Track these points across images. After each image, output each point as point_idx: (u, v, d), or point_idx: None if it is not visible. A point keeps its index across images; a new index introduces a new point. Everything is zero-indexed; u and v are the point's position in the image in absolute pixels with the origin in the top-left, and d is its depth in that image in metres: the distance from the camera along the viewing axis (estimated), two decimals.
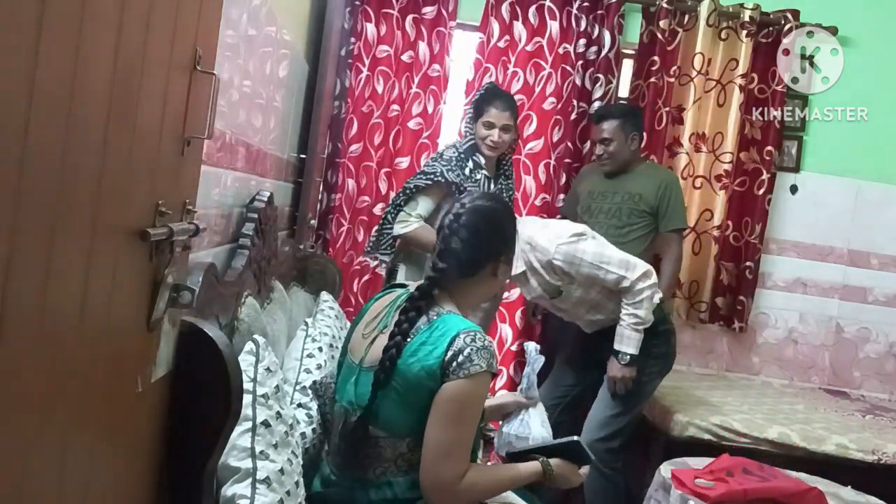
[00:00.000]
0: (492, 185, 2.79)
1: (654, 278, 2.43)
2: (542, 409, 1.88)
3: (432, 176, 2.69)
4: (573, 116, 3.40)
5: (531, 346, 1.93)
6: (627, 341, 2.46)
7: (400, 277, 2.78)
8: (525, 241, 2.43)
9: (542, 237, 2.44)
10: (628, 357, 2.46)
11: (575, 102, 3.39)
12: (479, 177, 2.75)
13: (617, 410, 2.56)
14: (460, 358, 1.46)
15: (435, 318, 1.54)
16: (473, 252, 1.62)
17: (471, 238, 1.62)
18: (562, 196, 3.41)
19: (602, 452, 2.50)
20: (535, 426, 1.83)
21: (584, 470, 1.72)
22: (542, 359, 1.90)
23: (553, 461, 1.65)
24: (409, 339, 1.52)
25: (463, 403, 1.48)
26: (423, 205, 2.70)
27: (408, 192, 2.71)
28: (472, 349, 1.47)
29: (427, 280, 1.62)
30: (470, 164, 2.74)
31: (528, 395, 1.87)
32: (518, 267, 2.42)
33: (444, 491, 1.48)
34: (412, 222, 2.69)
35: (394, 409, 1.52)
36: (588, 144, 3.38)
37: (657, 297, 2.44)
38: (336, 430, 1.63)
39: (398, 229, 2.70)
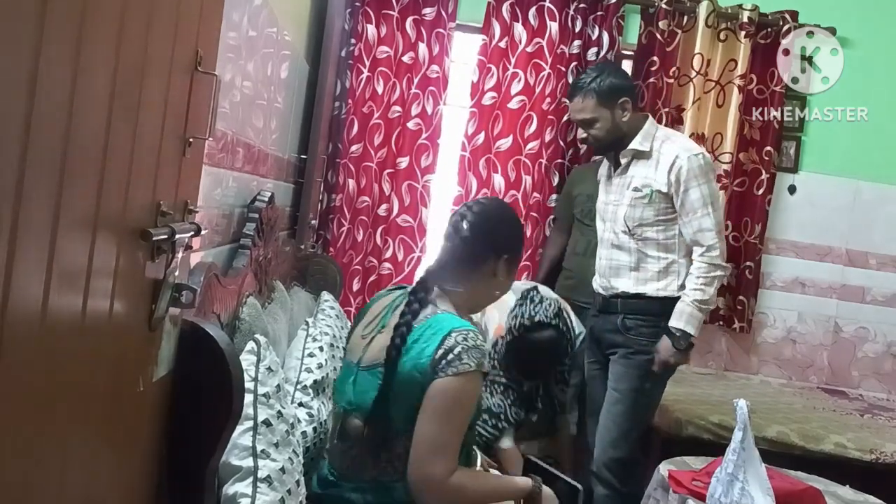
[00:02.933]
0: None
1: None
2: (762, 474, 1.77)
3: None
4: (566, 117, 3.38)
5: (742, 403, 1.81)
6: (689, 319, 2.21)
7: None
8: (661, 136, 2.34)
9: (681, 138, 2.41)
10: (688, 340, 2.21)
11: (567, 102, 3.37)
12: None
13: (628, 426, 2.42)
14: (450, 356, 1.47)
15: (430, 316, 1.55)
16: (470, 248, 1.62)
17: (468, 234, 1.62)
18: (554, 196, 3.39)
19: (617, 470, 2.42)
20: (757, 496, 1.75)
21: None
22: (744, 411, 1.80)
23: (546, 489, 1.64)
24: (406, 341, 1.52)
25: (452, 400, 1.48)
26: None
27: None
28: (462, 347, 1.47)
29: (421, 280, 1.63)
30: None
31: (740, 454, 1.78)
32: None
33: (432, 488, 1.48)
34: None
35: (390, 407, 1.52)
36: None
37: (716, 282, 2.26)
38: (334, 431, 1.63)
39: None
